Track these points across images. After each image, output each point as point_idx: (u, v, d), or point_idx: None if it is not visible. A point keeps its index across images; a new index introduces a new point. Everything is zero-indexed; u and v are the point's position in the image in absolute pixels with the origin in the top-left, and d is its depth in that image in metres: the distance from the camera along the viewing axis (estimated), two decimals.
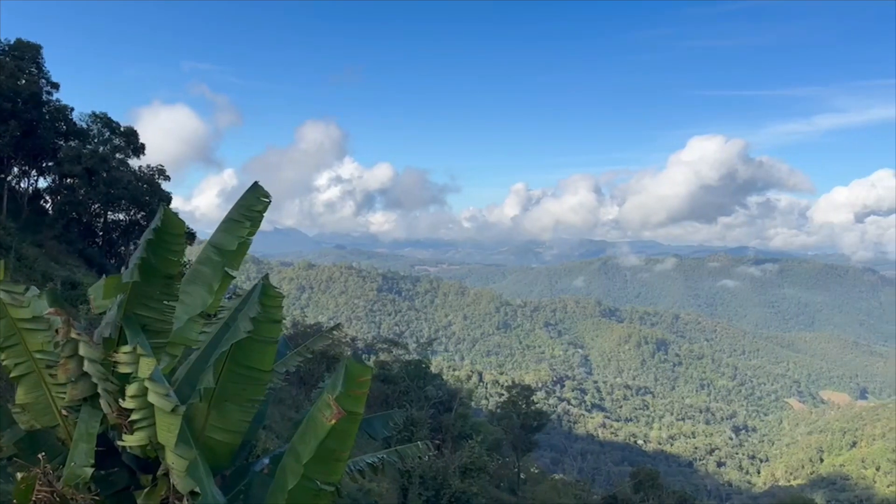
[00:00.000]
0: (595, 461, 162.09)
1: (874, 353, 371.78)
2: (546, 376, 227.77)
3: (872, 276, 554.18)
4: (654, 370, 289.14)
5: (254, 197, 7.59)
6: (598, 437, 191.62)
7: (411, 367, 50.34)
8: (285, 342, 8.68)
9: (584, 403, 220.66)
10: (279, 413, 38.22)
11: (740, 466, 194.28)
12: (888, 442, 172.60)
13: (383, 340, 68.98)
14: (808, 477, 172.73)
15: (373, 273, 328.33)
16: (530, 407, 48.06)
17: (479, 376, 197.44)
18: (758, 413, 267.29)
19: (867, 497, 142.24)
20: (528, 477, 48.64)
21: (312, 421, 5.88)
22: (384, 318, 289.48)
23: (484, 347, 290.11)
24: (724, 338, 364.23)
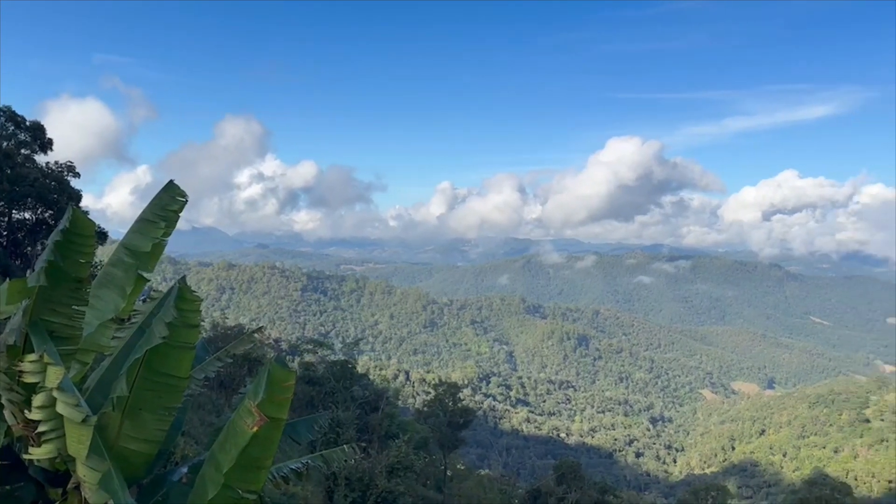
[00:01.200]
0: (520, 455, 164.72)
1: (780, 345, 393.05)
2: (472, 373, 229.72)
3: (778, 271, 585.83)
4: (576, 365, 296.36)
5: (169, 196, 7.31)
6: (522, 432, 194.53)
7: (337, 367, 49.82)
8: (204, 346, 8.41)
9: (510, 399, 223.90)
10: (199, 419, 37.07)
11: (657, 456, 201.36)
12: (794, 429, 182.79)
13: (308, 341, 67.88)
14: (721, 465, 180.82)
15: (297, 273, 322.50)
16: (457, 404, 48.33)
17: (406, 375, 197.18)
18: (673, 404, 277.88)
19: (775, 482, 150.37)
20: (455, 474, 48.97)
21: (233, 428, 5.71)
22: (309, 319, 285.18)
23: (411, 346, 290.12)
24: (642, 332, 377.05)
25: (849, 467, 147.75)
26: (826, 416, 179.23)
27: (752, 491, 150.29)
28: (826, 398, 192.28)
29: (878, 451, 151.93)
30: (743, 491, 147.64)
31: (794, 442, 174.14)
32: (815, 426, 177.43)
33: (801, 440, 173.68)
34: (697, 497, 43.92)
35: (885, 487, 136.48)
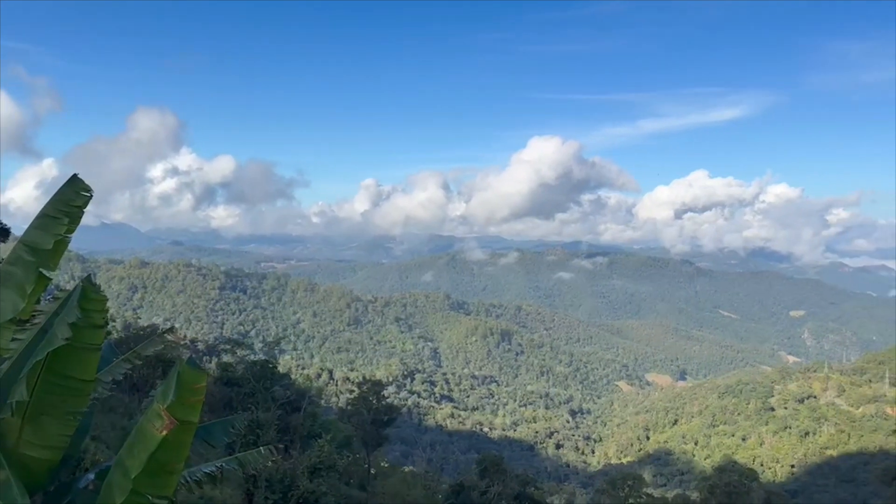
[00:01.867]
0: (444, 451, 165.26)
1: (691, 338, 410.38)
2: (397, 371, 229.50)
3: (689, 267, 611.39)
4: (499, 360, 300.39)
5: (72, 191, 6.95)
6: (446, 428, 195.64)
7: (257, 367, 48.73)
8: (111, 347, 8.05)
9: (434, 395, 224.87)
10: (110, 422, 35.52)
11: (577, 447, 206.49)
12: (704, 418, 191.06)
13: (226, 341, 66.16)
14: (637, 454, 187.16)
15: (214, 270, 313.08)
16: (381, 402, 48.13)
17: (329, 374, 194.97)
18: (592, 396, 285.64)
19: (688, 470, 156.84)
20: (379, 471, 48.77)
21: (142, 432, 5.50)
22: (228, 318, 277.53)
23: (334, 344, 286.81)
24: (562, 327, 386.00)
25: (755, 454, 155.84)
26: (734, 406, 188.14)
27: (666, 479, 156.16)
28: (734, 388, 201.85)
29: (781, 438, 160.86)
30: (658, 479, 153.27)
31: (705, 431, 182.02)
32: (724, 415, 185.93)
33: (711, 429, 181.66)
34: (614, 486, 45.32)
35: (788, 472, 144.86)
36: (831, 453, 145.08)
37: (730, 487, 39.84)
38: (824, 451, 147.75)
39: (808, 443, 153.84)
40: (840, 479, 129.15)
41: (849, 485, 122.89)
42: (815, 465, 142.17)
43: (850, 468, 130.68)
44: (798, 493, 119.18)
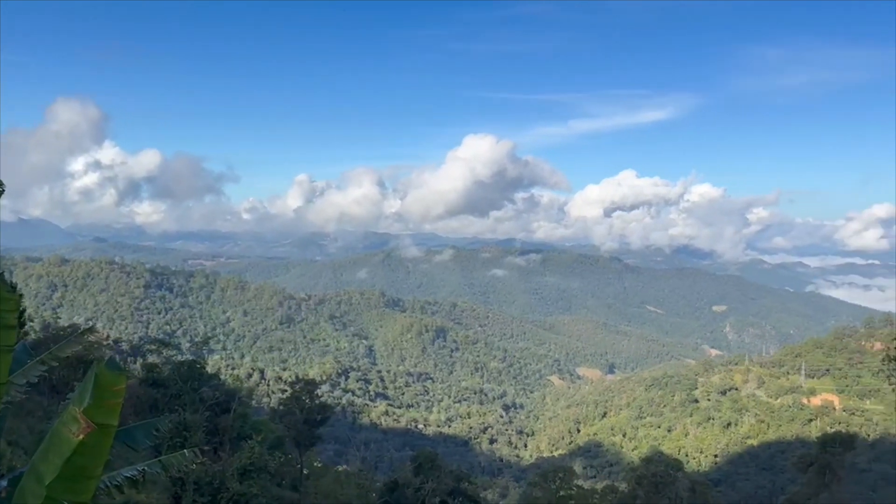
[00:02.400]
0: (378, 449, 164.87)
1: (620, 333, 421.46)
2: (331, 369, 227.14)
3: (618, 264, 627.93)
4: (434, 357, 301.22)
5: None
6: (381, 426, 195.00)
7: (184, 368, 47.40)
8: (26, 349, 7.66)
9: (368, 393, 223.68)
10: (27, 426, 33.91)
11: (510, 442, 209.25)
12: (632, 411, 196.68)
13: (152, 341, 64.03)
14: (568, 447, 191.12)
15: (139, 268, 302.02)
16: (314, 401, 47.51)
17: (260, 374, 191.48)
18: (524, 391, 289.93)
19: (616, 461, 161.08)
20: (312, 471, 48.17)
21: (56, 437, 5.25)
22: (153, 318, 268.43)
23: (266, 344, 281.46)
24: (496, 323, 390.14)
25: (681, 444, 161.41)
26: (661, 398, 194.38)
27: (595, 470, 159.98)
28: (660, 381, 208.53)
29: (705, 429, 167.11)
30: (588, 471, 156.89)
31: (633, 422, 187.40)
32: (651, 407, 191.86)
33: (638, 421, 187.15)
34: (546, 479, 46.11)
35: (712, 461, 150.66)
36: (752, 442, 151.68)
37: (656, 478, 41.11)
38: (745, 440, 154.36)
39: (731, 433, 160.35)
40: (760, 467, 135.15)
41: (768, 472, 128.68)
42: (736, 455, 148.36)
43: (770, 456, 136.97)
44: (721, 481, 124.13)
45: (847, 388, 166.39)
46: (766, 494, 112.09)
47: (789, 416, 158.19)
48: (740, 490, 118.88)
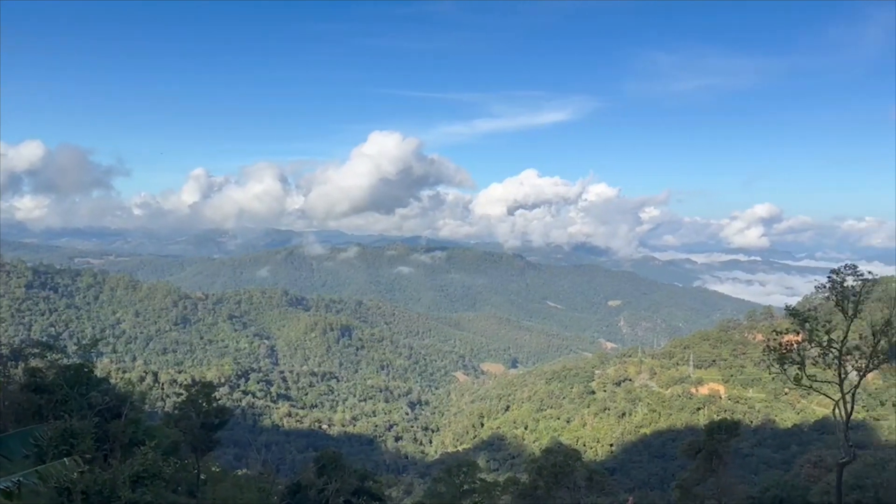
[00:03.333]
0: (281, 451, 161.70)
1: (522, 328, 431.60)
2: (230, 371, 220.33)
3: (521, 261, 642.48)
4: (339, 355, 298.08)
5: None
6: (283, 427, 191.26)
7: (71, 372, 44.54)
8: None
9: (270, 395, 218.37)
10: None
11: (415, 439, 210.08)
12: (533, 404, 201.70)
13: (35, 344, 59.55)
14: (473, 441, 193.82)
15: (20, 267, 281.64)
16: (212, 404, 45.79)
17: (154, 377, 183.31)
18: (430, 387, 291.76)
19: (518, 453, 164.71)
20: (210, 476, 46.50)
21: None
22: (36, 319, 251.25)
23: (160, 345, 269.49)
24: (402, 321, 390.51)
25: (579, 435, 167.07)
26: (560, 390, 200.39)
27: (499, 463, 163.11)
28: (560, 374, 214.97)
29: (601, 419, 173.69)
30: (491, 464, 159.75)
31: (534, 415, 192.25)
32: (551, 400, 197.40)
33: (539, 413, 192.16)
34: (450, 474, 46.54)
35: (608, 450, 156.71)
36: (645, 431, 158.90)
37: (556, 468, 42.28)
38: (639, 429, 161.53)
39: (625, 422, 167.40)
40: (653, 454, 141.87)
41: (660, 460, 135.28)
42: (631, 443, 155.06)
43: (661, 444, 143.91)
44: (616, 469, 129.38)
45: (732, 377, 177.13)
46: (657, 481, 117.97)
47: (679, 406, 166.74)
48: (634, 477, 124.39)
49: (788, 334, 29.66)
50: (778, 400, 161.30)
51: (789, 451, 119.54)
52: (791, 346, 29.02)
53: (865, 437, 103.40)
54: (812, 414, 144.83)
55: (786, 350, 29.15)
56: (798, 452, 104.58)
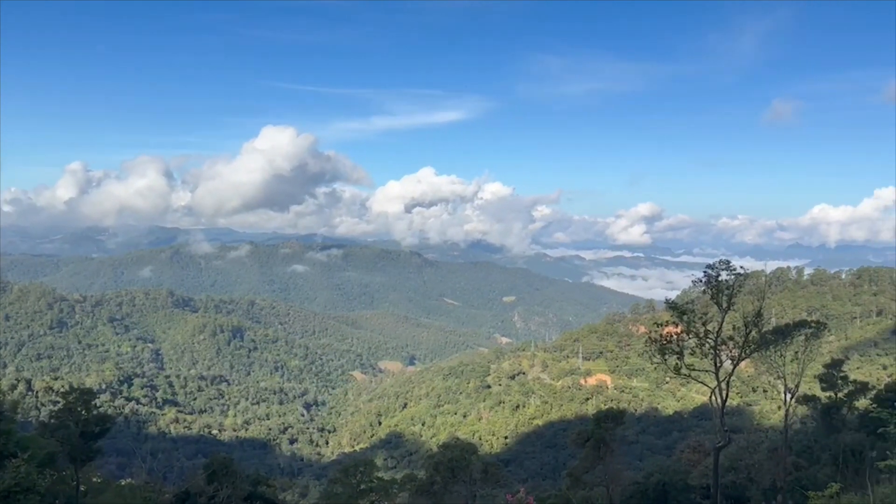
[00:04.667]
0: (168, 459, 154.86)
1: (420, 325, 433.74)
2: (111, 376, 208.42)
3: (418, 259, 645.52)
4: (230, 358, 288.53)
5: None
6: (171, 434, 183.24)
7: None
8: None
9: (156, 400, 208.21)
10: None
11: (311, 440, 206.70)
12: (431, 400, 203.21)
13: None
14: (370, 440, 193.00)
15: None
16: (91, 412, 43.14)
17: (27, 384, 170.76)
18: (326, 388, 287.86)
19: (416, 450, 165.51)
20: (90, 488, 43.84)
21: None
22: None
23: (33, 351, 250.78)
24: (297, 320, 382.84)
25: (475, 429, 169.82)
26: (457, 386, 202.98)
27: (396, 461, 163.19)
28: (457, 370, 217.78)
29: (496, 413, 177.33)
30: (389, 462, 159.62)
31: (432, 411, 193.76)
32: (448, 395, 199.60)
33: (437, 409, 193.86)
34: (347, 474, 46.06)
35: (503, 443, 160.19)
36: (538, 423, 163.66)
37: (452, 463, 42.75)
38: (532, 421, 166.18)
39: (519, 415, 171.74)
40: (545, 445, 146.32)
41: (552, 449, 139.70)
42: (524, 435, 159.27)
43: (553, 434, 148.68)
44: (511, 461, 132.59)
45: (617, 368, 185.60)
46: (550, 470, 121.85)
47: (569, 397, 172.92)
48: (528, 468, 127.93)
49: (668, 326, 31.28)
50: (660, 389, 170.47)
51: (671, 437, 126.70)
52: (671, 338, 30.64)
53: (740, 422, 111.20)
54: (691, 401, 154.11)
55: (666, 341, 30.75)
56: (679, 438, 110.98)
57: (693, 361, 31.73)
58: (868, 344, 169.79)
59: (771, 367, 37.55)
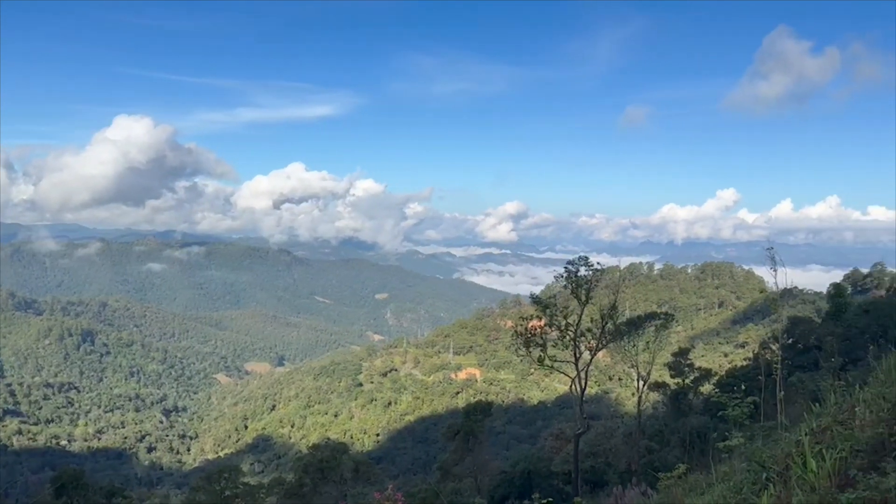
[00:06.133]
0: (10, 473, 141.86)
1: (290, 325, 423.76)
2: None
3: (287, 256, 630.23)
4: (80, 363, 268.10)
5: None
6: (13, 447, 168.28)
7: None
8: None
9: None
10: None
11: (171, 448, 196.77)
12: (301, 401, 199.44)
13: None
14: (236, 445, 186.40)
15: None
16: None
17: None
18: (188, 392, 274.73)
19: (285, 453, 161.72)
20: None
21: None
22: None
23: None
24: (155, 322, 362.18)
25: (346, 428, 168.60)
26: (328, 385, 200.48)
27: (264, 465, 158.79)
28: (328, 369, 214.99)
29: (368, 410, 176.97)
30: (256, 466, 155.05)
31: (302, 412, 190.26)
32: (319, 395, 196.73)
33: (307, 410, 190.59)
34: (210, 481, 44.28)
35: (375, 440, 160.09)
36: (409, 419, 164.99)
37: (322, 464, 42.22)
38: (404, 417, 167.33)
39: (391, 412, 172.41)
40: (416, 440, 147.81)
41: (423, 445, 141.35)
42: (396, 431, 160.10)
43: (425, 430, 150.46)
44: (383, 458, 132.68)
45: (486, 361, 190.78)
46: (421, 465, 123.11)
47: (441, 391, 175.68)
48: (399, 464, 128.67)
49: (533, 320, 32.52)
50: (526, 380, 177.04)
51: (535, 426, 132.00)
52: (535, 331, 31.88)
53: (598, 409, 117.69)
54: (554, 391, 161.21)
55: (530, 335, 31.96)
56: (543, 427, 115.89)
57: (555, 353, 33.16)
58: (711, 333, 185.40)
59: (625, 357, 40.06)
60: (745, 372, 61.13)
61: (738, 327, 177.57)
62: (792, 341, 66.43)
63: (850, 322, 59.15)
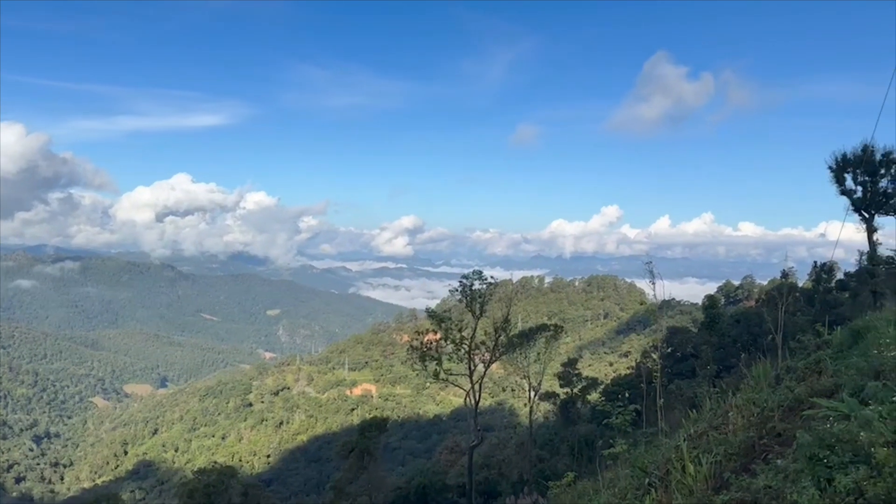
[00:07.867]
0: None
1: (173, 344, 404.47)
2: None
3: (171, 271, 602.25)
4: None
5: None
6: None
7: None
8: None
9: None
10: None
11: (42, 477, 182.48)
12: (185, 423, 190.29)
13: None
14: (115, 472, 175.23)
15: None
16: None
17: None
18: (61, 418, 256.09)
19: (169, 478, 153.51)
20: None
21: None
22: None
23: None
24: (24, 343, 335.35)
25: (235, 450, 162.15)
26: (215, 407, 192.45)
27: (146, 492, 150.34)
28: (215, 389, 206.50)
29: (259, 431, 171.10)
30: (136, 494, 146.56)
31: (186, 435, 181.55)
32: (205, 417, 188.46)
33: (192, 433, 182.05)
34: None
35: (265, 462, 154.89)
36: (302, 438, 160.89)
37: (208, 489, 40.38)
38: (296, 436, 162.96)
39: (283, 431, 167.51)
40: (309, 460, 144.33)
41: (316, 464, 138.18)
42: (288, 452, 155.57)
43: (318, 449, 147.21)
44: (273, 480, 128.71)
45: (382, 377, 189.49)
46: (313, 485, 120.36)
47: (335, 408, 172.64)
48: (291, 485, 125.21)
49: (429, 334, 32.67)
50: (421, 394, 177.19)
51: (431, 440, 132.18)
52: (430, 345, 32.03)
53: (493, 421, 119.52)
54: (450, 404, 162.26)
55: (426, 349, 32.08)
56: (438, 441, 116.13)
57: (451, 366, 33.43)
58: (597, 343, 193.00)
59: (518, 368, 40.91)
60: (628, 380, 64.04)
61: (621, 337, 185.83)
62: (671, 350, 70.25)
63: (723, 331, 63.19)
